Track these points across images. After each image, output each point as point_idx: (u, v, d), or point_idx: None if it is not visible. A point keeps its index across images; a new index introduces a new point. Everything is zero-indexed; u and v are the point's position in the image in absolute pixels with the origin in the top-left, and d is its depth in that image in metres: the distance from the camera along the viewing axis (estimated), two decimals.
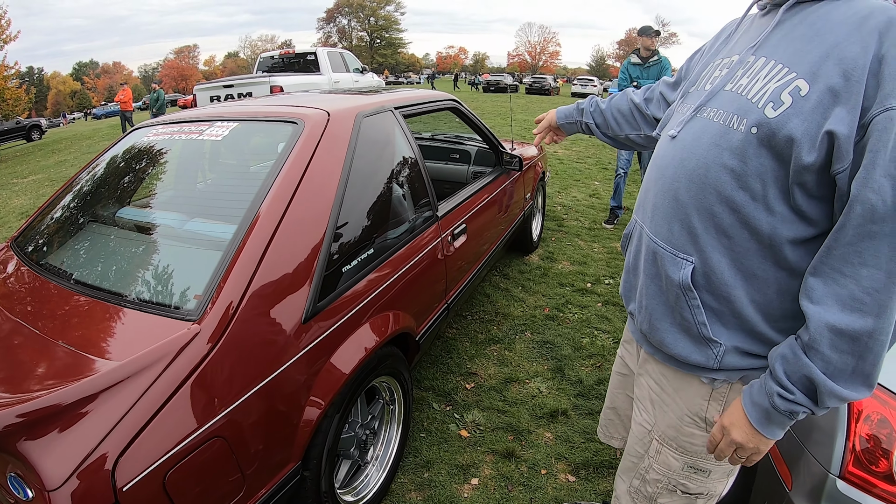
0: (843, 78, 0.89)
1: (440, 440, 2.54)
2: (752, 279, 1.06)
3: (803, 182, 0.96)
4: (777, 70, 1.00)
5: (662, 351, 1.23)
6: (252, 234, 1.58)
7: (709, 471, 1.24)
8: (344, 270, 1.84)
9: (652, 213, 1.19)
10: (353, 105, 2.25)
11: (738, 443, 1.07)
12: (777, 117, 0.95)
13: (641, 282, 1.25)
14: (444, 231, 2.59)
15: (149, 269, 1.76)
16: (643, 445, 1.34)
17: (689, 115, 1.16)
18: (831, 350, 0.93)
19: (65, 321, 1.58)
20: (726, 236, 1.06)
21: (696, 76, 1.27)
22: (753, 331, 1.09)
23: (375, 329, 1.95)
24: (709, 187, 1.05)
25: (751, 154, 0.99)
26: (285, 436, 1.60)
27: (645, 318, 1.25)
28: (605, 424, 1.70)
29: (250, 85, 9.13)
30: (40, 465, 1.12)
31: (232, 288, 1.47)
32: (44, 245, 2.09)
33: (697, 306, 1.11)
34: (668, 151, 1.18)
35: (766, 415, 1.02)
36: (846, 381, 0.95)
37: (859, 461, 1.39)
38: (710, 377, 1.16)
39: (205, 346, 1.37)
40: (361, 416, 2.05)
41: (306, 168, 1.80)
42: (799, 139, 0.93)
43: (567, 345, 3.38)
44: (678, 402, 1.24)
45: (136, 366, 1.27)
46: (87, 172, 2.42)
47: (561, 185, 7.80)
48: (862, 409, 1.42)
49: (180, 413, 1.28)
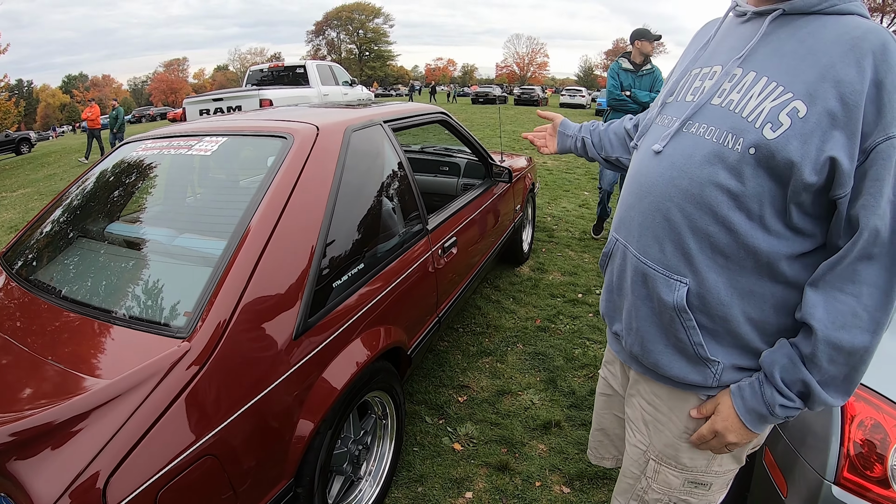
0: (841, 103, 0.90)
1: (433, 454, 2.52)
2: (748, 297, 1.06)
3: (800, 202, 0.97)
4: (771, 88, 0.98)
5: (656, 372, 1.22)
6: (242, 249, 1.58)
7: (710, 483, 1.23)
8: (334, 285, 1.84)
9: (639, 233, 1.17)
10: (342, 119, 2.25)
11: (734, 444, 1.10)
12: (776, 139, 0.95)
13: (629, 303, 1.22)
14: (435, 244, 2.60)
15: (139, 286, 1.75)
16: (639, 466, 1.32)
17: (675, 128, 1.13)
18: (829, 363, 0.98)
19: (54, 338, 1.57)
20: (723, 256, 1.05)
21: (674, 85, 1.23)
22: (748, 347, 1.09)
23: (367, 344, 1.95)
24: (704, 207, 1.04)
25: (748, 174, 0.99)
26: (277, 453, 1.59)
27: (635, 340, 1.22)
28: (595, 447, 1.68)
29: (240, 98, 9.11)
30: (30, 484, 1.11)
31: (222, 304, 1.47)
32: (32, 261, 2.08)
33: (693, 327, 1.10)
34: (653, 168, 1.15)
35: (763, 419, 1.06)
36: (834, 390, 1.01)
37: (854, 466, 1.40)
38: (707, 395, 1.16)
39: (195, 363, 1.36)
40: (354, 432, 2.04)
41: (296, 183, 1.79)
42: (799, 162, 0.93)
43: (559, 356, 3.38)
44: (675, 421, 1.22)
45: (127, 384, 1.26)
46: (76, 187, 2.41)
47: (550, 195, 7.84)
48: (855, 415, 1.44)
49: (171, 431, 1.27)
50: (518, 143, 13.88)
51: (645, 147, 1.21)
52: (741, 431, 1.08)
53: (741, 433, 1.08)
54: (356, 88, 13.43)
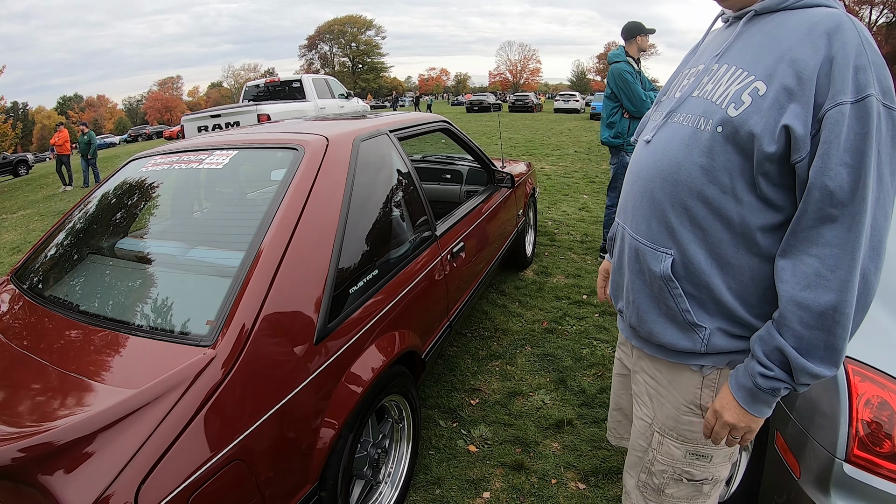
0: (796, 78, 0.99)
1: (449, 456, 2.55)
2: (727, 267, 1.14)
3: (766, 172, 1.05)
4: (738, 74, 1.10)
5: (652, 342, 1.30)
6: (261, 259, 1.61)
7: (710, 455, 1.29)
8: (351, 291, 1.88)
9: (632, 214, 1.28)
10: (350, 130, 2.30)
11: (730, 424, 1.14)
12: (739, 115, 1.05)
13: (627, 279, 1.32)
14: (443, 250, 2.64)
15: (160, 298, 1.78)
16: (646, 439, 1.39)
17: (661, 121, 1.26)
18: (801, 326, 1.02)
19: (78, 353, 1.59)
20: (700, 228, 1.14)
21: (667, 86, 1.37)
22: (733, 315, 1.16)
23: (383, 348, 1.98)
24: (681, 184, 1.14)
25: (718, 150, 1.09)
26: (302, 457, 1.62)
27: (633, 312, 1.32)
28: (614, 427, 1.74)
29: (237, 114, 9.16)
30: (62, 496, 1.12)
31: (244, 312, 1.49)
32: (48, 277, 2.10)
33: (680, 295, 1.18)
34: (643, 156, 1.28)
35: (752, 394, 1.10)
36: (818, 359, 1.03)
37: (864, 444, 1.44)
38: (699, 364, 1.22)
39: (220, 370, 1.38)
40: (373, 436, 2.07)
41: (309, 193, 1.84)
42: (759, 134, 1.02)
43: (567, 356, 3.42)
44: (673, 393, 1.30)
45: (154, 392, 1.28)
46: (88, 203, 2.44)
47: (550, 200, 7.88)
48: (862, 394, 1.48)
49: (200, 437, 1.29)
50: (515, 149, 13.98)
51: (640, 140, 1.34)
52: (736, 410, 1.12)
53: (737, 412, 1.13)
54: (352, 101, 13.50)
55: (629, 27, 4.73)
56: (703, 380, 1.24)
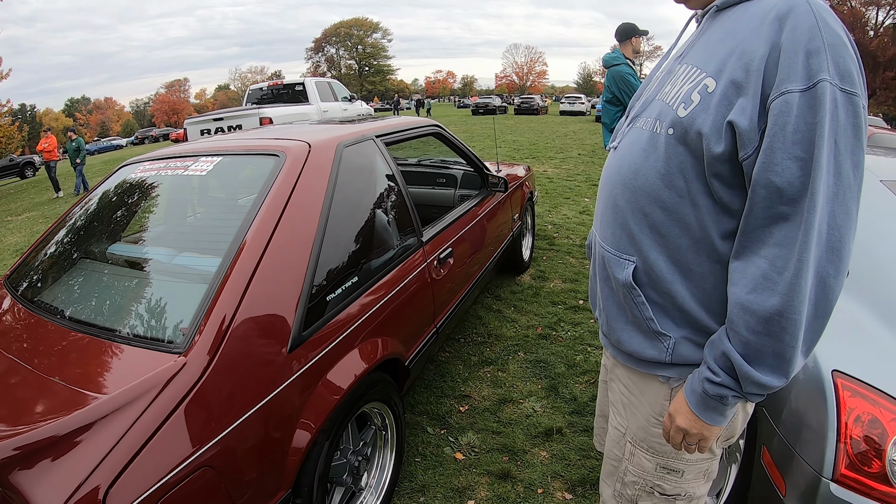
0: (744, 70, 0.94)
1: (435, 464, 2.53)
2: (689, 274, 1.10)
3: (718, 173, 1.00)
4: (692, 72, 1.06)
5: (621, 350, 1.28)
6: (236, 266, 1.61)
7: (681, 471, 1.26)
8: (328, 299, 1.87)
9: (601, 223, 1.27)
10: (333, 135, 2.29)
11: (682, 429, 1.11)
12: (687, 115, 1.02)
13: (599, 286, 1.32)
14: (430, 256, 2.62)
15: (137, 304, 1.79)
16: (620, 449, 1.37)
17: (626, 127, 1.25)
18: (748, 331, 0.97)
19: (56, 357, 1.62)
20: (660, 234, 1.11)
21: (640, 92, 1.33)
22: (699, 324, 1.12)
23: (362, 356, 1.97)
24: (639, 189, 1.12)
25: (671, 153, 1.06)
26: (274, 464, 1.61)
27: (604, 319, 1.31)
28: (600, 433, 1.71)
29: (240, 117, 9.19)
30: (33, 496, 1.15)
31: (217, 320, 1.50)
32: (35, 282, 2.13)
33: (643, 303, 1.16)
34: (610, 163, 1.26)
35: (702, 400, 1.06)
36: (765, 366, 0.98)
37: (852, 463, 1.39)
38: (666, 375, 1.19)
39: (192, 377, 1.40)
40: (353, 443, 2.06)
41: (288, 199, 1.83)
42: (707, 133, 0.98)
43: (560, 363, 3.39)
44: (644, 404, 1.27)
45: (124, 398, 1.30)
46: (76, 209, 2.46)
47: (551, 203, 7.85)
48: (851, 410, 1.43)
49: (169, 443, 1.31)
50: (519, 152, 13.95)
51: (611, 148, 1.31)
52: (688, 415, 1.09)
53: (688, 417, 1.09)
54: (356, 104, 13.53)
55: (625, 28, 4.71)
56: (670, 391, 1.21)
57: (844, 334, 1.06)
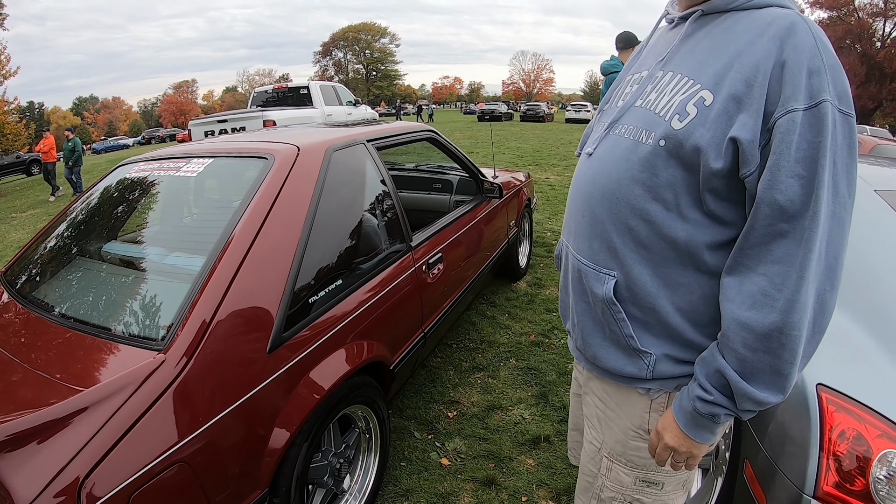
0: (746, 85, 0.92)
1: (420, 469, 2.53)
2: (675, 287, 1.08)
3: (714, 188, 0.99)
4: (683, 83, 1.03)
5: (597, 365, 1.24)
6: (219, 266, 1.63)
7: (661, 483, 1.23)
8: (311, 301, 1.88)
9: (575, 233, 1.22)
10: (324, 139, 2.31)
11: (671, 447, 1.09)
12: (683, 128, 0.98)
13: (572, 300, 1.27)
14: (419, 261, 2.62)
15: (123, 302, 1.82)
16: (595, 464, 1.34)
17: (603, 132, 1.18)
18: (744, 348, 0.96)
19: (42, 351, 1.65)
20: (644, 248, 1.07)
21: (611, 94, 1.29)
22: (682, 338, 1.10)
23: (345, 358, 1.97)
24: (622, 201, 1.07)
25: (660, 166, 1.02)
26: (251, 463, 1.62)
27: (578, 334, 1.27)
28: (573, 447, 1.68)
29: (244, 119, 9.23)
30: (11, 484, 1.17)
31: (197, 318, 1.52)
32: (28, 278, 2.16)
33: (623, 319, 1.12)
34: (584, 171, 1.21)
35: (692, 419, 1.05)
36: (762, 383, 0.97)
37: (834, 480, 1.36)
38: (646, 387, 1.17)
39: (170, 373, 1.42)
40: (335, 445, 2.06)
41: (274, 201, 1.85)
42: (705, 148, 0.95)
43: (552, 371, 3.38)
44: (622, 417, 1.24)
45: (103, 392, 1.33)
46: (72, 208, 2.49)
47: (552, 210, 7.83)
48: (835, 425, 1.40)
49: (145, 438, 1.33)
50: (522, 158, 13.96)
51: (583, 153, 1.26)
52: (677, 433, 1.07)
53: (677, 436, 1.07)
54: (360, 108, 13.57)
55: (627, 37, 4.75)
56: (650, 403, 1.18)
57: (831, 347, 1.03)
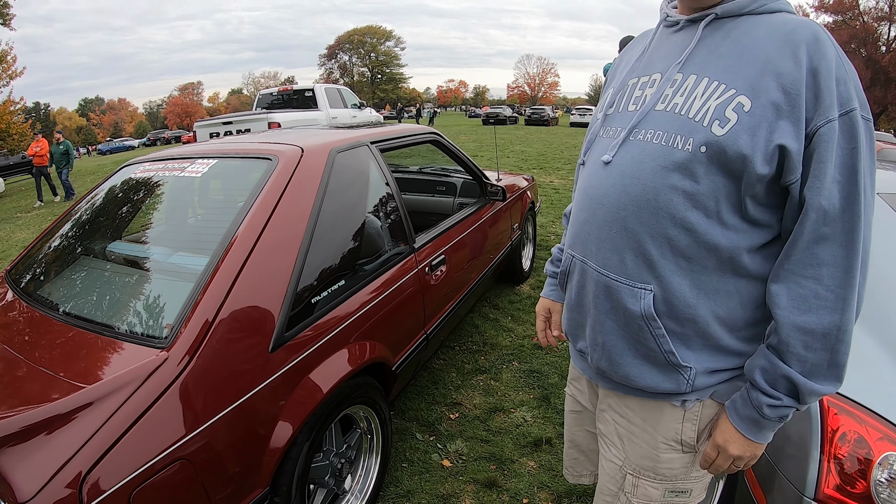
0: (783, 93, 0.94)
1: (422, 470, 2.54)
2: (714, 295, 1.07)
3: (755, 193, 1.00)
4: (714, 87, 1.01)
5: (628, 385, 1.20)
6: (222, 265, 1.64)
7: (689, 490, 1.24)
8: (314, 301, 1.88)
9: (597, 247, 1.15)
10: (327, 141, 2.32)
11: (737, 456, 1.10)
12: (726, 135, 0.97)
13: (592, 318, 1.20)
14: (421, 262, 2.63)
15: (127, 300, 1.83)
16: (616, 482, 1.30)
17: (622, 138, 1.13)
18: (805, 350, 1.00)
19: (47, 348, 1.67)
20: (685, 258, 1.05)
21: (612, 97, 1.24)
22: (719, 346, 1.10)
23: (347, 358, 1.98)
24: (661, 211, 1.04)
25: (701, 173, 1.00)
26: (252, 461, 1.62)
27: (602, 355, 1.20)
28: (571, 465, 1.64)
29: (249, 122, 9.26)
30: (13, 478, 1.18)
31: (200, 317, 1.53)
32: (33, 277, 2.17)
33: (662, 335, 1.09)
34: (604, 179, 1.14)
35: (758, 424, 1.07)
36: (822, 378, 1.01)
37: (835, 483, 1.36)
38: (682, 400, 1.15)
39: (172, 371, 1.43)
40: (336, 445, 2.06)
41: (277, 202, 1.86)
42: (750, 154, 0.95)
43: (554, 373, 3.38)
44: (649, 432, 1.21)
45: (105, 389, 1.34)
46: (77, 208, 2.51)
47: (556, 214, 7.83)
48: (837, 428, 1.40)
49: (147, 435, 1.34)
50: (527, 162, 13.96)
51: (593, 160, 1.21)
52: (741, 441, 1.09)
53: (741, 443, 1.09)
54: (365, 111, 13.59)
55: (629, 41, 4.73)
56: (684, 414, 1.17)
57: None
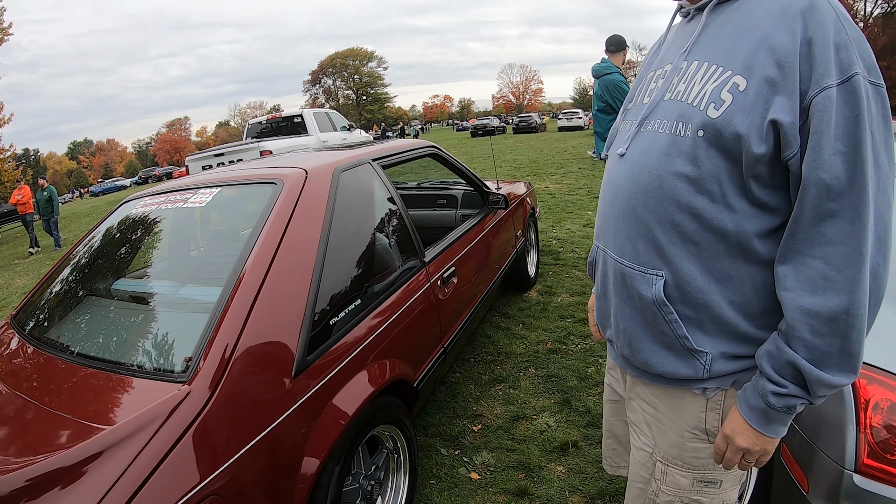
0: (778, 67, 0.92)
1: (451, 485, 2.50)
2: (726, 281, 1.06)
3: (758, 174, 0.98)
4: (712, 71, 1.02)
5: (648, 371, 1.21)
6: (236, 294, 1.62)
7: (719, 481, 1.21)
8: (332, 323, 1.86)
9: (614, 236, 1.19)
10: (330, 161, 2.31)
11: (744, 448, 1.06)
12: (720, 116, 0.97)
13: (615, 306, 1.23)
14: (433, 276, 2.61)
15: (141, 337, 1.80)
16: (647, 470, 1.30)
17: (634, 130, 1.17)
18: (812, 335, 0.94)
19: (64, 392, 1.62)
20: (693, 243, 1.05)
21: (633, 92, 1.29)
22: (737, 332, 1.08)
23: (369, 379, 1.95)
24: (666, 198, 1.06)
25: (702, 157, 1.01)
26: (283, 491, 1.58)
27: (624, 342, 1.23)
28: (609, 455, 1.65)
29: (240, 151, 9.27)
30: None
31: (219, 348, 1.50)
32: (41, 320, 2.14)
33: (675, 320, 1.10)
34: (619, 171, 1.18)
35: (765, 415, 1.02)
36: (833, 367, 0.95)
37: (874, 452, 1.36)
38: (702, 388, 1.14)
39: (196, 405, 1.39)
40: (364, 467, 2.03)
41: (287, 225, 1.84)
42: (746, 134, 0.94)
43: (572, 376, 3.35)
44: (675, 420, 1.21)
45: (130, 428, 1.30)
46: (80, 247, 2.49)
47: (554, 218, 7.84)
48: (870, 398, 1.40)
49: (176, 472, 1.30)
50: (519, 170, 14.02)
51: (612, 154, 1.25)
52: (749, 433, 1.05)
53: (749, 435, 1.05)
54: (355, 132, 13.66)
55: (618, 39, 4.82)
56: (706, 402, 1.16)
57: None
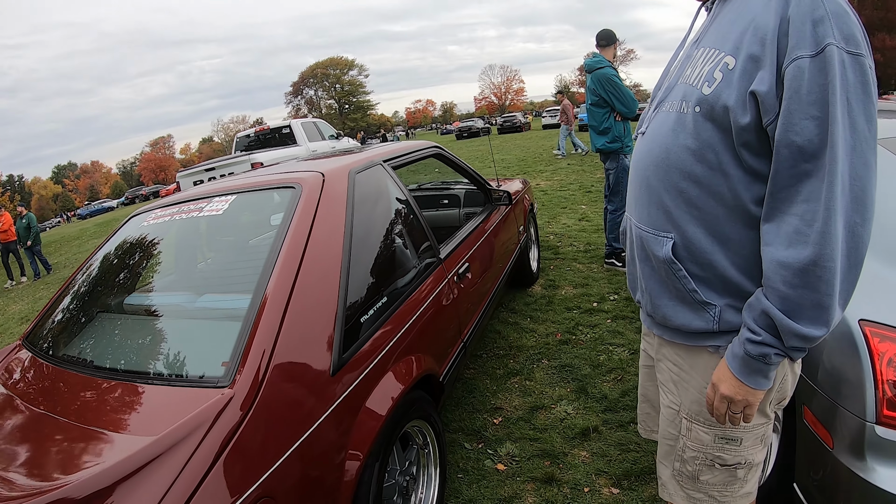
0: (760, 44, 1.02)
1: (478, 477, 2.53)
2: (728, 243, 1.15)
3: (746, 142, 1.07)
4: (710, 54, 1.14)
5: (667, 326, 1.31)
6: (269, 299, 1.63)
7: (740, 439, 1.26)
8: (362, 320, 1.89)
9: (636, 205, 1.33)
10: (344, 164, 2.34)
11: (727, 396, 1.14)
12: (712, 92, 1.09)
13: (638, 268, 1.37)
14: (449, 272, 2.65)
15: (173, 346, 1.80)
16: (675, 427, 1.38)
17: (653, 114, 1.32)
18: (784, 286, 1.02)
19: (97, 407, 1.60)
20: (696, 207, 1.16)
21: (660, 81, 1.40)
22: (741, 291, 1.16)
23: (401, 375, 1.98)
24: (672, 168, 1.18)
25: (700, 129, 1.12)
26: (330, 489, 1.61)
27: (647, 300, 1.35)
28: (643, 419, 1.71)
29: (231, 165, 9.20)
30: None
31: (258, 351, 1.50)
32: (59, 338, 2.11)
33: (685, 276, 1.20)
34: (639, 147, 1.33)
35: (744, 363, 1.10)
36: (805, 318, 1.02)
37: (892, 403, 1.45)
38: (715, 344, 1.22)
39: (240, 409, 1.38)
40: (399, 463, 2.05)
41: (311, 228, 1.86)
42: (732, 106, 1.05)
43: (585, 365, 3.40)
44: (695, 377, 1.29)
45: (175, 436, 1.27)
46: (93, 261, 2.47)
47: (549, 214, 7.90)
48: (883, 353, 1.48)
49: (227, 476, 1.29)
50: (508, 169, 14.07)
51: (637, 133, 1.39)
52: (731, 381, 1.12)
53: (731, 383, 1.12)
54: (342, 141, 13.63)
55: (608, 34, 4.83)
56: (720, 360, 1.22)
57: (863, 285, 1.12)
